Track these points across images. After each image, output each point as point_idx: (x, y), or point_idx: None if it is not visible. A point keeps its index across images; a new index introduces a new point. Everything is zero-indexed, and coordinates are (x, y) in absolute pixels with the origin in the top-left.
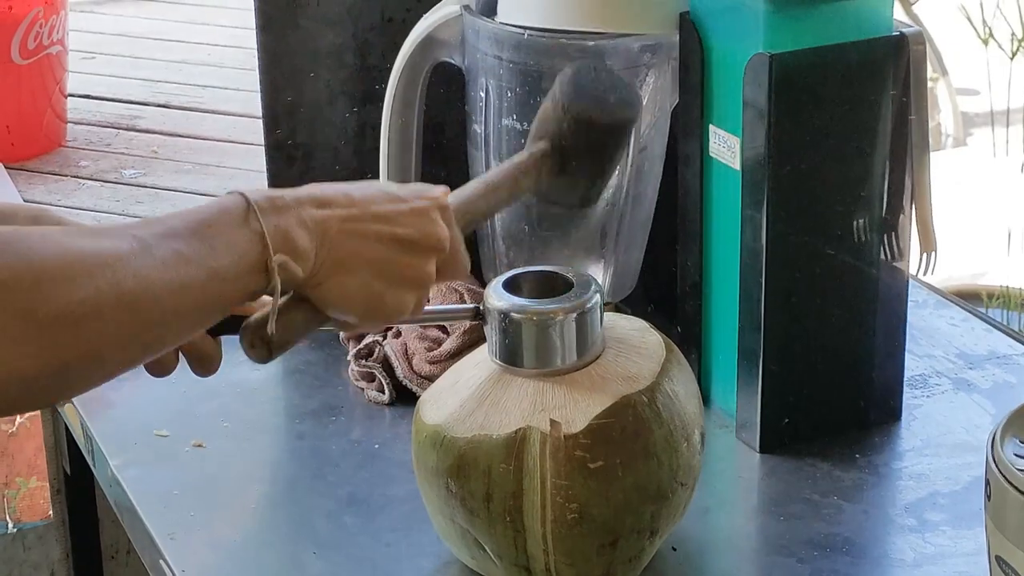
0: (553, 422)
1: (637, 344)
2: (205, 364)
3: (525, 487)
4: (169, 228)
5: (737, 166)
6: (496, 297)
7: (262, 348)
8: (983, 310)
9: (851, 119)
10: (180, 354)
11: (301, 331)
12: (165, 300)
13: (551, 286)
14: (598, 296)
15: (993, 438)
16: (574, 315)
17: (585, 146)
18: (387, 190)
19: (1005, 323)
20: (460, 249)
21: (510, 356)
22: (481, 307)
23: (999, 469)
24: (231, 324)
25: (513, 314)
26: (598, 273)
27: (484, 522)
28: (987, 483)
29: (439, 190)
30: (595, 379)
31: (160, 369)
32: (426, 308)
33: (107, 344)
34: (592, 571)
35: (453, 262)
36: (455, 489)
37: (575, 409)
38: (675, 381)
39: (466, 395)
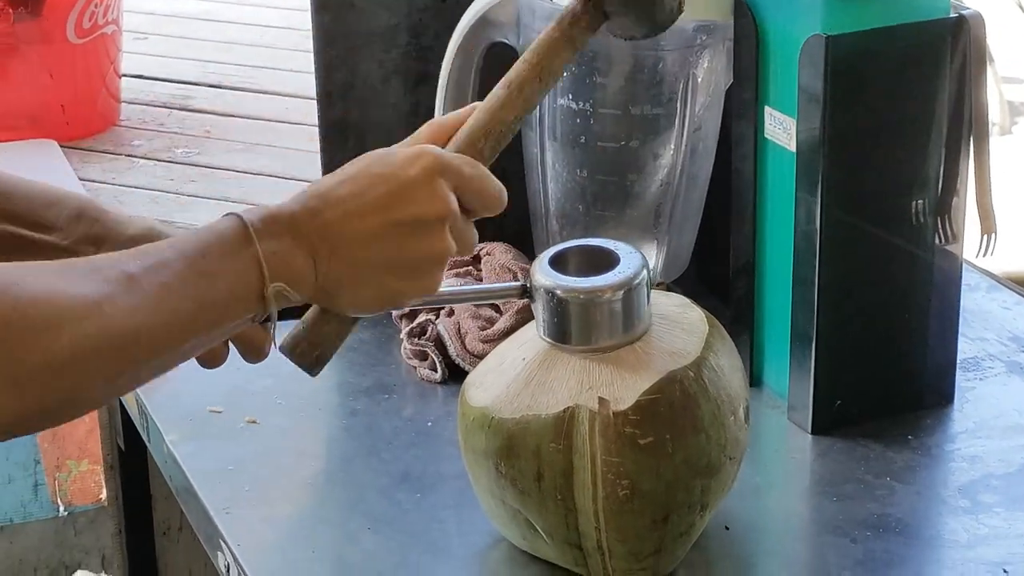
0: (601, 400)
1: (679, 320)
2: (254, 351)
3: (576, 465)
4: (162, 260)
5: (792, 148)
6: (543, 275)
7: (304, 366)
8: None
9: (908, 101)
10: (229, 343)
11: (336, 340)
12: (153, 337)
13: (598, 261)
14: (645, 272)
15: None
16: (621, 293)
17: None
18: (378, 170)
19: None
20: (486, 186)
21: (558, 333)
22: (528, 284)
23: None
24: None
25: (559, 292)
26: (651, 253)
27: (535, 502)
28: None
29: (433, 152)
30: (640, 356)
31: (211, 361)
32: (473, 287)
33: (92, 384)
34: (644, 547)
35: (481, 200)
36: (505, 470)
37: (622, 386)
38: (719, 355)
39: (512, 376)
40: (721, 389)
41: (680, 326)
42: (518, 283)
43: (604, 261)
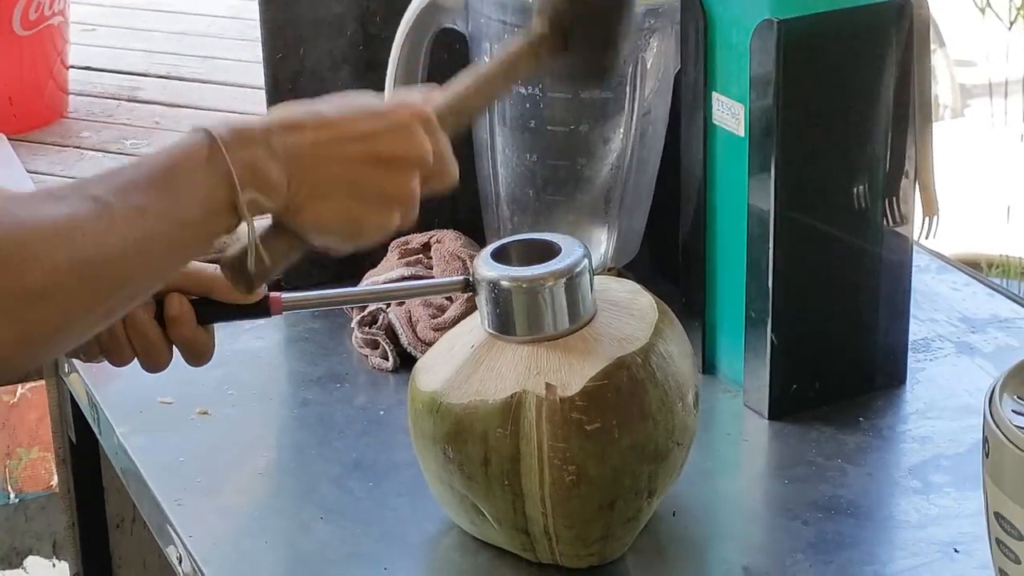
0: (548, 385)
1: (629, 306)
2: (199, 355)
3: (522, 451)
4: (130, 180)
5: (742, 133)
6: (486, 267)
7: (244, 281)
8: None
9: (856, 84)
10: (172, 347)
11: (284, 259)
12: (128, 261)
13: (540, 253)
14: (586, 261)
15: (991, 396)
16: (563, 280)
17: (588, 19)
18: (365, 105)
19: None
20: (446, 158)
21: (501, 325)
22: (471, 278)
23: (997, 426)
24: (222, 312)
25: (502, 282)
26: (602, 238)
27: (482, 487)
28: (985, 440)
29: (420, 99)
30: (589, 342)
31: (155, 365)
32: (416, 283)
33: (71, 313)
34: (591, 532)
35: (440, 173)
36: (452, 455)
37: (570, 372)
38: (668, 341)
39: (461, 361)
40: (669, 375)
41: (629, 312)
42: (460, 277)
43: (546, 253)
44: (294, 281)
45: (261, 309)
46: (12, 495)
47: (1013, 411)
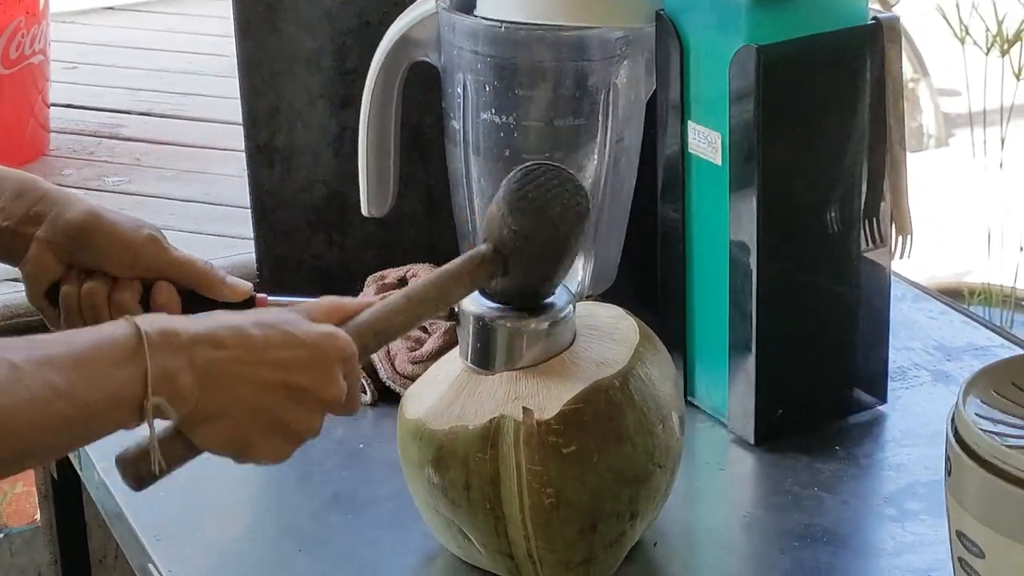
0: (525, 410)
1: (610, 330)
2: None
3: (502, 474)
4: (49, 355)
5: (718, 161)
6: (471, 301)
7: (136, 480)
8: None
9: (834, 107)
10: None
11: (178, 463)
12: (27, 433)
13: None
14: (571, 307)
15: (955, 409)
16: (546, 324)
17: (528, 255)
18: (292, 330)
19: (988, 320)
20: (355, 398)
21: (481, 359)
22: (456, 308)
23: (957, 443)
24: (208, 307)
25: (487, 319)
26: (579, 265)
27: (465, 511)
28: (947, 459)
29: (345, 340)
30: (568, 366)
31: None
32: None
33: None
34: (573, 556)
35: (345, 409)
36: (436, 480)
37: (547, 396)
38: (648, 364)
39: (444, 388)
40: (648, 397)
41: (611, 336)
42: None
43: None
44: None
45: (247, 308)
46: None
47: (977, 414)
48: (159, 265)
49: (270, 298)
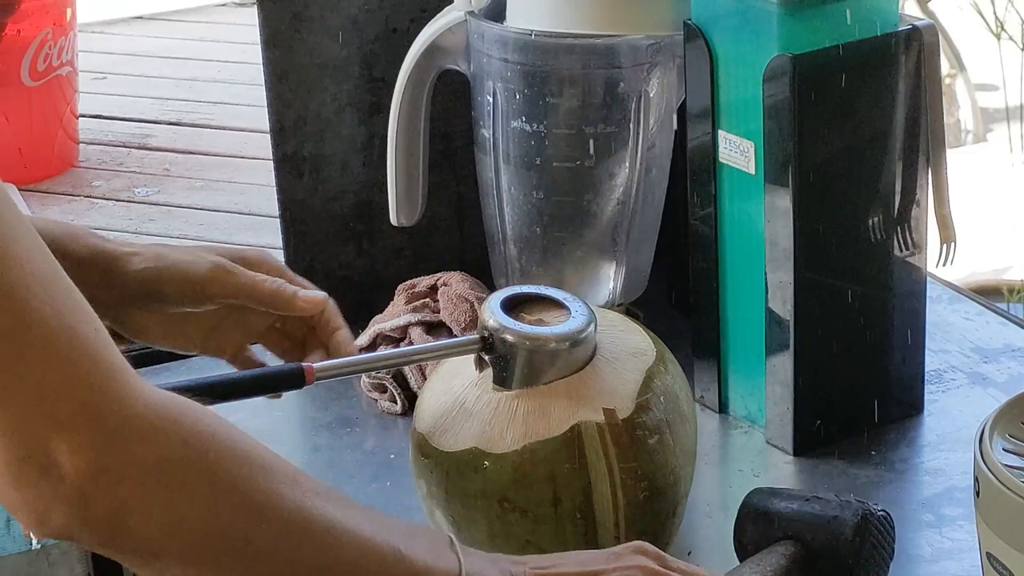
0: (606, 410)
1: (622, 325)
2: None
3: (593, 480)
4: (375, 546)
5: (751, 170)
6: (502, 324)
7: None
8: (1004, 305)
9: (869, 114)
10: None
11: None
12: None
13: (543, 305)
14: (592, 325)
15: (981, 435)
16: (567, 344)
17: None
18: (594, 557)
19: None
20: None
21: (525, 380)
22: (487, 335)
23: (988, 467)
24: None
25: (510, 340)
26: (610, 273)
27: (551, 528)
28: (976, 480)
29: (639, 559)
30: (610, 362)
31: None
32: (436, 344)
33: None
34: (658, 544)
35: None
36: (515, 503)
37: (613, 395)
38: (661, 346)
39: (489, 414)
40: (681, 378)
41: (631, 328)
42: (475, 336)
43: (549, 305)
44: None
45: (296, 379)
46: (35, 541)
47: (1004, 450)
48: (228, 292)
49: (316, 365)
